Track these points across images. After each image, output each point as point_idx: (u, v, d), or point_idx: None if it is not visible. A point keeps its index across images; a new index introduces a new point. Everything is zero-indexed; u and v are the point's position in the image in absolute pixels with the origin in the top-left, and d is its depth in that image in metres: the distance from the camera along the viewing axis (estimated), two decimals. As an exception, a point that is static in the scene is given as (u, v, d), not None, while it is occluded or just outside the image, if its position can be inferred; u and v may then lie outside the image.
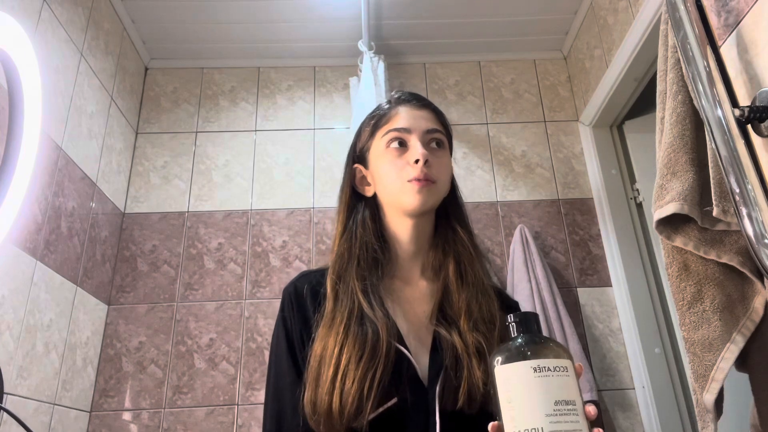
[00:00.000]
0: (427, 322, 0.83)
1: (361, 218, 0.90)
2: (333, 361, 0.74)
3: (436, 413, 0.73)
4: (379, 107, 0.95)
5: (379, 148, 0.89)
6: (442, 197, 0.89)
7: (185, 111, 2.28)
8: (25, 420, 1.29)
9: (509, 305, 0.92)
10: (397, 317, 0.83)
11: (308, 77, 2.36)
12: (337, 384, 0.72)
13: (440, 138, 0.90)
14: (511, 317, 0.61)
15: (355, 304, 0.80)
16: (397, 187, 0.85)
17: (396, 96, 0.95)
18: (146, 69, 2.34)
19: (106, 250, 1.95)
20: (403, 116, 0.89)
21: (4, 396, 1.31)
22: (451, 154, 0.95)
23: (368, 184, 0.92)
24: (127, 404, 1.83)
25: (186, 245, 2.06)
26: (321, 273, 0.89)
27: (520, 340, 0.59)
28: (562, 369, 0.55)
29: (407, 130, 0.88)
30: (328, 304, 0.81)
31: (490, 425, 0.58)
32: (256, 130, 2.26)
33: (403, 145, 0.87)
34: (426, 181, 0.84)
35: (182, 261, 2.03)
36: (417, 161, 0.84)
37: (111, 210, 2.00)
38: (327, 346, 0.76)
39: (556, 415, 0.52)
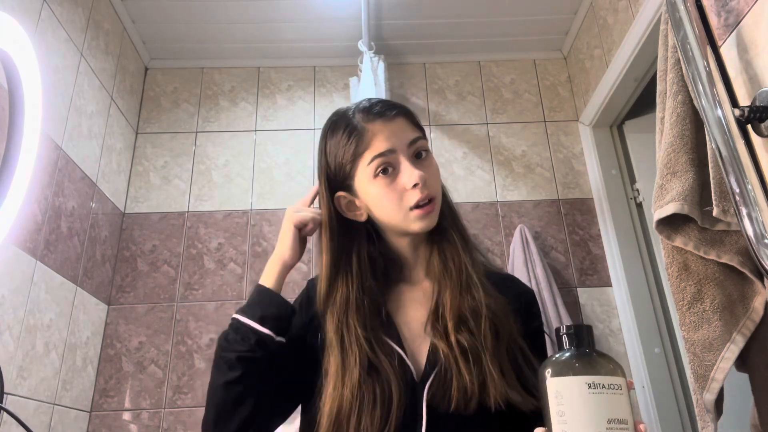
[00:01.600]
0: (424, 326, 0.83)
1: (356, 251, 0.86)
2: (354, 420, 0.72)
3: (423, 418, 0.73)
4: (348, 125, 0.84)
5: (366, 177, 0.82)
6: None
7: (185, 111, 2.28)
8: (25, 420, 1.29)
9: (519, 292, 0.89)
10: (400, 324, 0.83)
11: (308, 77, 2.36)
12: None
13: (422, 144, 0.85)
14: (563, 329, 0.60)
15: (362, 354, 0.77)
16: (401, 216, 0.82)
17: (361, 110, 0.85)
18: (146, 69, 2.34)
19: (106, 250, 1.95)
20: (381, 135, 0.81)
21: (4, 396, 1.31)
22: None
23: (359, 210, 0.86)
24: (127, 404, 1.83)
25: (186, 245, 2.06)
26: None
27: (574, 354, 0.58)
28: (616, 387, 0.55)
29: (392, 151, 0.81)
30: (334, 353, 0.78)
31: (537, 431, 0.58)
32: (256, 130, 2.26)
33: (391, 169, 0.81)
34: (430, 204, 0.81)
35: (182, 261, 2.03)
36: (415, 185, 0.79)
37: (111, 210, 2.00)
38: (341, 406, 0.74)
39: None
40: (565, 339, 0.60)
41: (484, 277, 0.84)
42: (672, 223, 1.03)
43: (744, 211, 0.84)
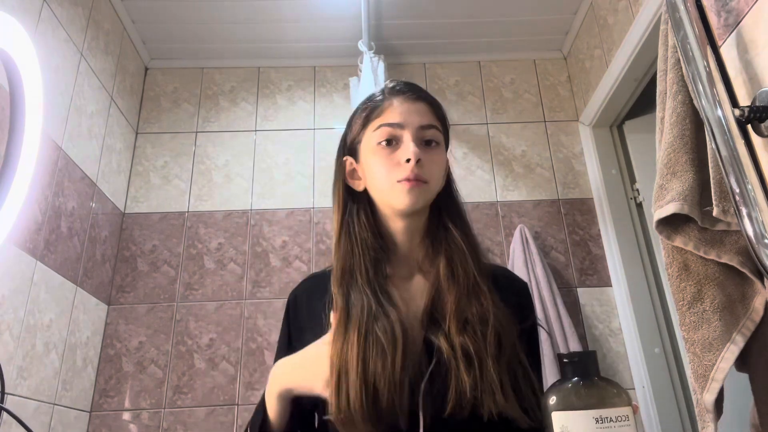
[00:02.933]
0: (418, 323, 0.80)
1: (357, 215, 0.87)
2: (360, 366, 0.71)
3: (420, 418, 0.71)
4: (371, 97, 0.89)
5: (371, 143, 0.84)
6: (434, 197, 0.86)
7: (185, 111, 2.28)
8: (26, 420, 1.28)
9: (514, 288, 0.88)
10: (405, 313, 0.81)
11: (308, 77, 2.36)
12: (370, 389, 0.70)
13: (435, 134, 0.85)
14: (568, 357, 0.59)
15: (368, 303, 0.77)
16: (387, 187, 0.82)
17: (390, 86, 0.89)
18: (146, 69, 2.34)
19: (106, 250, 1.95)
20: (397, 109, 0.84)
21: (5, 396, 1.31)
22: (447, 147, 0.90)
23: (359, 179, 0.88)
24: (127, 404, 1.83)
25: (186, 245, 2.06)
26: (325, 277, 0.87)
27: (580, 385, 0.57)
28: (623, 418, 0.54)
29: (400, 125, 0.82)
30: (339, 303, 0.78)
31: None
32: (256, 130, 2.26)
33: (395, 141, 0.83)
34: (417, 181, 0.80)
35: (182, 261, 2.03)
36: (408, 160, 0.80)
37: (111, 210, 2.00)
38: (348, 351, 0.73)
39: None
40: (569, 368, 0.59)
41: (492, 285, 0.82)
42: (672, 223, 1.03)
43: (744, 211, 0.84)
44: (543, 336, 1.81)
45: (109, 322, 1.93)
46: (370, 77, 2.02)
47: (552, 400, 0.57)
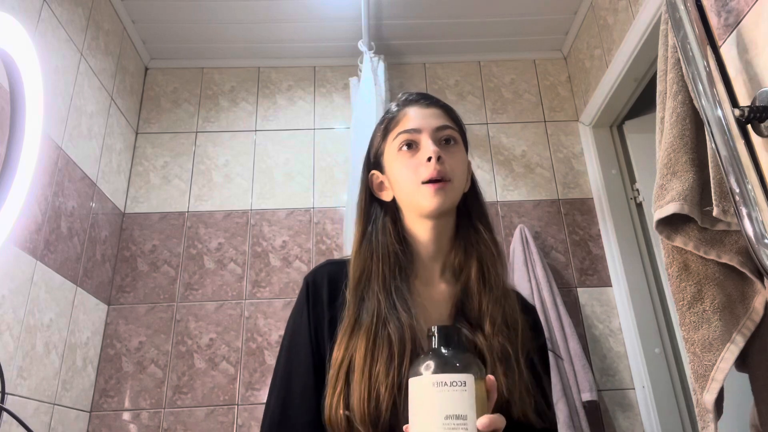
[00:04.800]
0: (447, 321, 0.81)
1: (381, 223, 0.88)
2: (366, 368, 0.72)
3: None
4: (388, 110, 0.94)
5: (392, 152, 0.88)
6: (460, 195, 0.87)
7: (185, 111, 2.28)
8: (26, 420, 1.29)
9: (527, 309, 0.89)
10: (417, 319, 0.81)
11: (308, 77, 2.36)
12: (372, 392, 0.71)
13: (451, 134, 0.88)
14: (431, 329, 0.63)
15: (380, 307, 0.78)
16: (413, 190, 0.84)
17: (403, 98, 0.93)
18: (146, 69, 2.34)
19: (106, 250, 1.95)
20: (412, 117, 0.88)
21: (5, 396, 1.31)
22: (467, 150, 0.92)
23: (386, 189, 0.90)
24: (127, 404, 1.83)
25: (186, 245, 2.06)
26: (344, 264, 0.88)
27: (430, 355, 0.62)
28: (459, 383, 0.58)
29: (417, 131, 0.86)
30: (350, 310, 0.79)
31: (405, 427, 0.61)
32: (256, 130, 2.26)
33: (414, 146, 0.86)
34: (441, 181, 0.82)
35: (182, 261, 2.03)
36: (429, 159, 0.82)
37: (111, 210, 2.00)
38: (354, 352, 0.74)
39: (446, 428, 0.56)
40: (432, 340, 0.63)
41: (512, 292, 0.85)
42: (672, 223, 1.03)
43: (744, 211, 0.84)
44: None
45: (109, 322, 1.93)
46: (370, 77, 2.02)
47: (411, 369, 0.62)
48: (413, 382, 0.61)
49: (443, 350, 0.62)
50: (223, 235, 2.08)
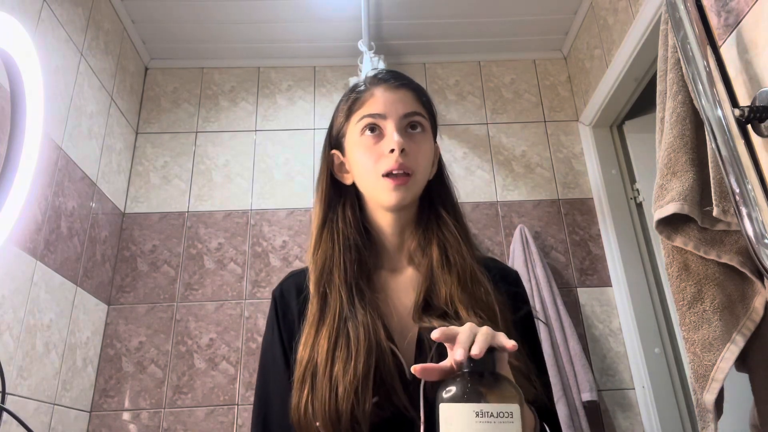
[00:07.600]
0: (409, 317, 0.78)
1: (342, 210, 0.85)
2: (327, 368, 0.71)
3: (421, 410, 0.71)
4: (354, 87, 0.87)
5: (354, 135, 0.83)
6: (422, 188, 0.83)
7: (185, 111, 2.28)
8: (26, 420, 1.28)
9: (506, 277, 0.85)
10: (384, 312, 0.79)
11: (308, 77, 2.36)
12: (332, 392, 0.69)
13: (419, 121, 0.83)
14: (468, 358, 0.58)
15: (341, 305, 0.76)
16: (373, 181, 0.80)
17: (371, 75, 0.87)
18: (146, 69, 2.34)
19: (106, 250, 1.95)
20: (379, 99, 0.82)
21: (5, 396, 1.31)
22: (435, 133, 0.88)
23: (347, 172, 0.86)
24: (127, 404, 1.83)
25: (186, 245, 2.06)
26: (306, 271, 0.85)
27: (468, 379, 0.56)
28: (506, 415, 0.53)
29: (382, 116, 0.81)
30: (313, 306, 0.77)
31: None
32: (256, 130, 2.26)
33: (378, 130, 0.81)
34: (403, 176, 0.78)
35: (182, 261, 2.03)
36: (392, 151, 0.78)
37: (111, 210, 2.00)
38: (317, 352, 0.73)
39: None
40: (464, 362, 0.58)
41: (487, 276, 0.80)
42: (672, 223, 1.03)
43: (744, 211, 0.84)
44: (543, 335, 1.81)
45: (109, 322, 1.93)
46: (370, 77, 2.02)
47: (441, 392, 0.56)
48: (449, 408, 0.55)
49: (482, 375, 0.57)
50: (223, 235, 2.08)
